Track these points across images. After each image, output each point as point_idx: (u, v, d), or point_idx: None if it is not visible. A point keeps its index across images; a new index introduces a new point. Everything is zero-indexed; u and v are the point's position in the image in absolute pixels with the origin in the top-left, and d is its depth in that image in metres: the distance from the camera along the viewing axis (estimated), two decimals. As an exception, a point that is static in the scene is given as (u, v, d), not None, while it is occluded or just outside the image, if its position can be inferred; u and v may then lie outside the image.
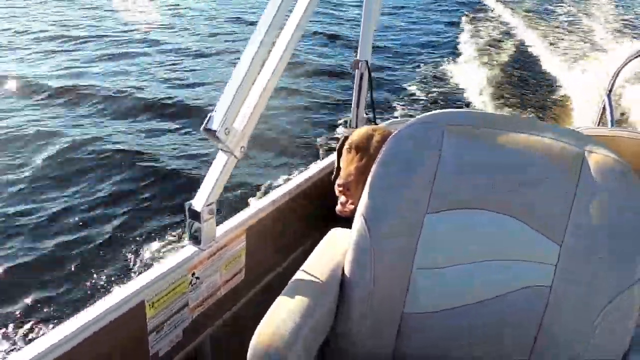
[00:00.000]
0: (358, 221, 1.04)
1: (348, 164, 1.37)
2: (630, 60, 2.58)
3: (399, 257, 1.02)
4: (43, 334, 0.85)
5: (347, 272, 1.05)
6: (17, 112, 5.11)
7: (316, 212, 1.52)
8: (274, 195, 1.37)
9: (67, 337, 0.84)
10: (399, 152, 1.05)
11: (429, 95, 6.30)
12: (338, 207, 1.34)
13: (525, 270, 0.98)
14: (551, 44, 8.79)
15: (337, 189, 1.33)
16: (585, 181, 0.95)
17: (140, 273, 1.02)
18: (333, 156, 1.55)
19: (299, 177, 1.52)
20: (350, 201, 1.32)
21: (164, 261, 1.04)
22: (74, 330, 0.85)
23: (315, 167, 1.61)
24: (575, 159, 0.97)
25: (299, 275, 1.04)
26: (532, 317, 0.98)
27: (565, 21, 10.46)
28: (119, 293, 0.94)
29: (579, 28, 9.85)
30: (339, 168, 1.46)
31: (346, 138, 1.46)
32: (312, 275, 1.02)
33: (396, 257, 1.02)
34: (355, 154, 1.37)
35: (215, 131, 0.94)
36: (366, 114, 1.83)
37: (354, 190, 1.30)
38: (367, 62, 1.68)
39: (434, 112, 1.09)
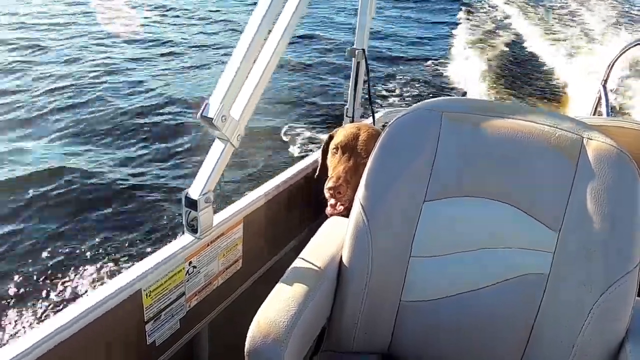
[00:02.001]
0: (356, 209, 1.04)
1: (336, 166, 1.37)
2: (625, 51, 2.58)
3: (397, 245, 1.02)
4: (39, 324, 0.84)
5: (344, 260, 1.04)
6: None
7: (312, 200, 1.51)
8: (270, 184, 1.37)
9: (64, 326, 0.83)
10: (396, 140, 1.04)
11: (426, 84, 6.29)
12: (328, 210, 1.35)
13: (523, 258, 0.98)
14: (547, 34, 8.78)
15: (327, 192, 1.34)
16: (584, 168, 0.95)
17: (136, 261, 1.01)
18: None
19: (296, 166, 1.52)
20: (339, 203, 1.32)
21: (160, 250, 1.03)
22: (70, 319, 0.84)
23: (312, 156, 1.60)
24: (574, 146, 0.97)
25: (297, 263, 1.03)
26: (529, 304, 0.98)
27: (562, 12, 10.44)
28: (116, 282, 0.93)
29: (576, 18, 9.84)
30: (323, 167, 1.46)
31: (331, 137, 1.46)
32: (310, 263, 1.02)
33: (394, 245, 1.02)
34: (342, 155, 1.38)
35: (211, 119, 0.93)
36: (362, 103, 1.82)
37: (344, 192, 1.31)
38: (363, 50, 1.67)
39: (432, 99, 1.08)
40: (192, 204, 1.02)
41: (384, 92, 5.83)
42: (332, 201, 1.34)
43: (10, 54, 6.48)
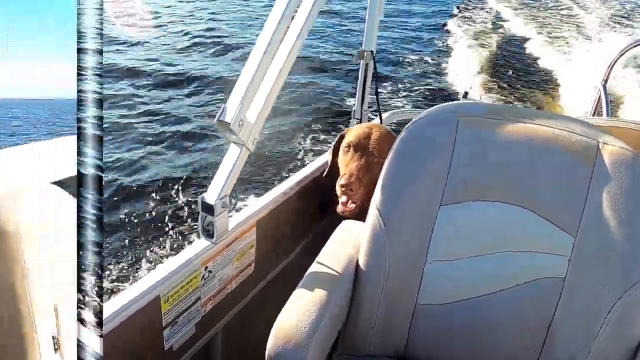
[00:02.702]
0: (372, 213, 1.04)
1: (348, 163, 1.37)
2: (625, 51, 2.59)
3: (413, 248, 1.02)
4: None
5: (361, 264, 1.04)
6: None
7: (322, 201, 1.52)
8: (281, 187, 1.37)
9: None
10: (412, 144, 1.04)
11: (424, 85, 6.30)
12: (339, 208, 1.34)
13: (539, 262, 0.98)
14: (544, 34, 8.81)
15: (339, 189, 1.33)
16: (600, 172, 0.96)
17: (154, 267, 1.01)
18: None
19: (305, 169, 1.52)
20: (351, 201, 1.32)
21: (177, 255, 1.03)
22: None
23: (320, 158, 1.60)
24: (590, 150, 0.97)
25: (314, 267, 1.03)
26: (545, 308, 0.98)
27: (558, 11, 10.49)
28: (136, 288, 0.93)
29: (573, 18, 9.88)
30: (334, 166, 1.46)
31: (342, 137, 1.46)
32: (327, 268, 1.02)
33: (410, 249, 1.02)
34: (355, 153, 1.37)
35: (229, 123, 0.93)
36: (370, 106, 1.82)
37: (356, 189, 1.30)
38: (372, 52, 1.67)
39: (446, 103, 1.08)
40: (209, 209, 1.01)
41: (385, 94, 5.84)
42: (343, 199, 1.33)
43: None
